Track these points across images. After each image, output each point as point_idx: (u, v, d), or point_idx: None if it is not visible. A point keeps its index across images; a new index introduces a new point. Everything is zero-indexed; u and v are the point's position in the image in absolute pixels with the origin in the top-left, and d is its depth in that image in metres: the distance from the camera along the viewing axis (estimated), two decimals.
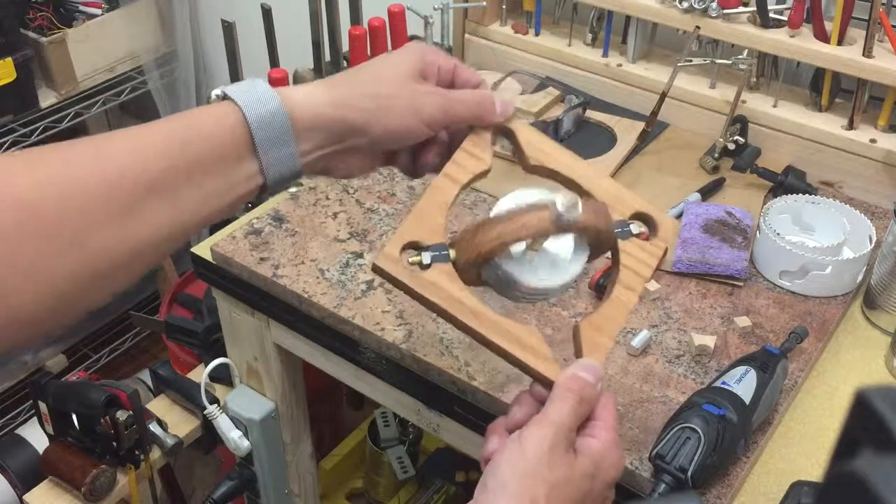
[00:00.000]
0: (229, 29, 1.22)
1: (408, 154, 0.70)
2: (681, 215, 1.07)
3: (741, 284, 0.99)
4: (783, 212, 1.05)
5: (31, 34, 1.73)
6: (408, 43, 0.69)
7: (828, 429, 0.86)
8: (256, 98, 0.60)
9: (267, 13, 1.27)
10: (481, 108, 0.68)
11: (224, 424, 1.20)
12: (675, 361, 0.90)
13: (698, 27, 1.16)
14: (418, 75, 0.66)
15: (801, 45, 1.11)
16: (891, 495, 0.27)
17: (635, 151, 1.21)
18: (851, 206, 1.04)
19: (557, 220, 0.62)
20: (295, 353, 1.10)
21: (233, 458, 1.27)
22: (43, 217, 0.52)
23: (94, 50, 1.83)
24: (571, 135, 1.23)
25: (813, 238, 1.04)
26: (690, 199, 1.09)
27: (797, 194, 1.06)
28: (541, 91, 1.29)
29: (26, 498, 1.23)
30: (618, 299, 0.67)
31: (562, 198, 0.62)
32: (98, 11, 1.83)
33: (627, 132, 1.22)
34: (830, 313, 0.96)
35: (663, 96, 1.19)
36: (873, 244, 0.99)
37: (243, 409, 1.18)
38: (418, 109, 0.65)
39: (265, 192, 0.63)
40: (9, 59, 1.65)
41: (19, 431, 1.73)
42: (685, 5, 1.16)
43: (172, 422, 1.27)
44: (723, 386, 0.79)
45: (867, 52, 1.07)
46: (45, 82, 1.80)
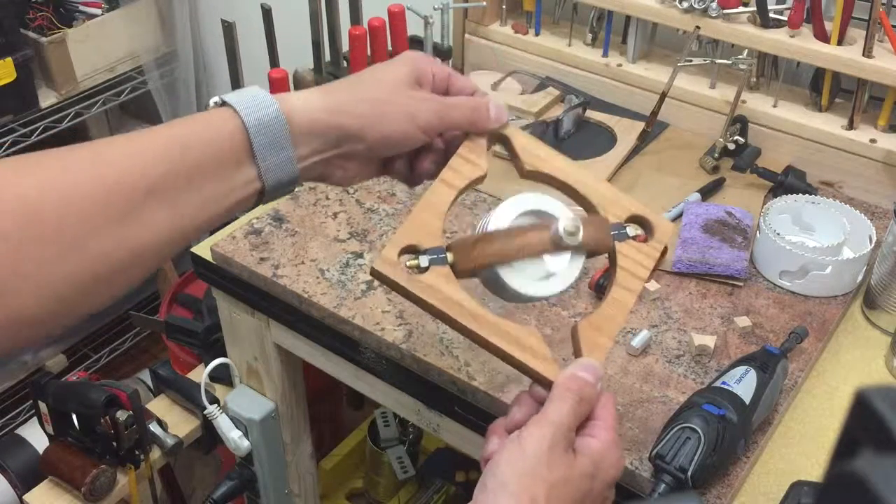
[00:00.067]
0: (229, 29, 1.22)
1: (404, 161, 0.71)
2: (681, 215, 1.07)
3: (741, 284, 0.99)
4: (783, 212, 1.05)
5: (31, 34, 1.73)
6: (403, 52, 0.70)
7: (828, 429, 0.86)
8: (254, 104, 0.61)
9: (267, 13, 1.27)
10: (476, 114, 0.68)
11: (224, 424, 1.20)
12: (675, 361, 0.90)
13: (698, 27, 1.16)
14: (414, 82, 0.67)
15: (801, 45, 1.11)
16: (891, 495, 0.27)
17: (635, 151, 1.21)
18: (851, 206, 1.04)
19: (558, 243, 0.63)
20: (295, 353, 1.10)
21: (233, 458, 1.27)
22: (44, 221, 0.53)
23: (94, 50, 1.83)
24: (571, 135, 1.23)
25: (813, 238, 1.04)
26: (690, 199, 1.09)
27: (797, 194, 1.06)
28: (541, 91, 1.29)
29: (26, 498, 1.23)
30: (616, 300, 0.67)
31: (564, 221, 0.62)
32: (98, 11, 1.83)
33: (627, 132, 1.22)
34: (830, 313, 0.96)
35: (663, 96, 1.19)
36: (873, 244, 0.99)
37: (243, 409, 1.18)
38: (414, 115, 0.66)
39: (263, 197, 0.64)
40: (9, 59, 1.65)
41: (19, 431, 1.73)
42: (685, 5, 1.16)
43: (172, 422, 1.27)
44: (723, 386, 0.79)
45: (867, 52, 1.07)
46: (45, 82, 1.80)
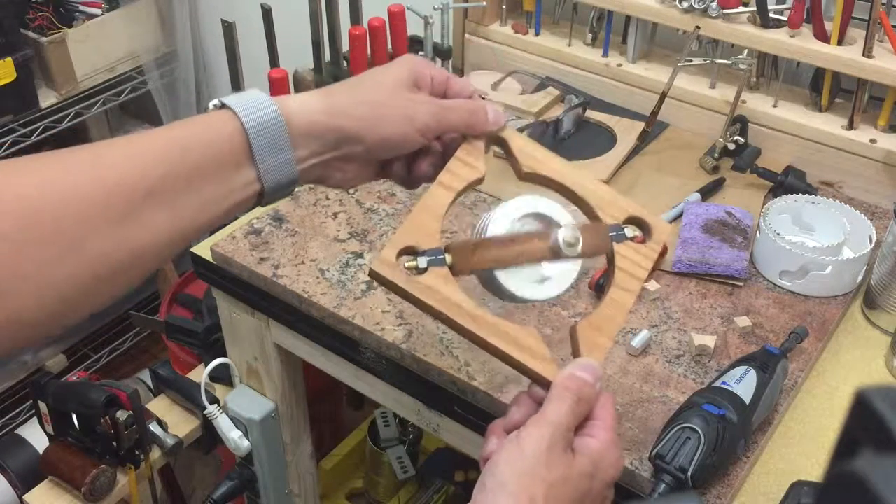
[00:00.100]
0: (229, 29, 1.22)
1: (402, 164, 0.71)
2: (681, 215, 1.07)
3: (741, 284, 0.99)
4: (783, 212, 1.05)
5: (31, 34, 1.73)
6: (401, 56, 0.70)
7: (828, 429, 0.86)
8: (254, 106, 0.61)
9: (267, 13, 1.27)
10: (474, 116, 0.68)
11: (224, 424, 1.20)
12: (675, 361, 0.90)
13: (698, 27, 1.16)
14: (412, 85, 0.68)
15: (801, 45, 1.11)
16: (891, 495, 0.26)
17: (635, 151, 1.21)
18: (851, 206, 1.04)
19: (557, 253, 0.63)
20: (295, 353, 1.10)
21: (233, 458, 1.27)
22: (43, 222, 0.53)
23: (94, 50, 1.83)
24: (571, 135, 1.23)
25: (813, 238, 1.04)
26: (690, 199, 1.09)
27: (797, 194, 1.06)
28: (541, 91, 1.29)
29: (26, 498, 1.23)
30: (615, 300, 0.67)
31: (564, 232, 0.63)
32: (98, 11, 1.83)
33: (627, 132, 1.22)
34: (830, 313, 0.96)
35: (663, 96, 1.19)
36: (873, 244, 0.99)
37: (243, 409, 1.18)
38: (412, 117, 0.66)
39: (262, 199, 0.64)
40: (9, 59, 1.65)
41: (19, 431, 1.73)
42: (685, 5, 1.16)
43: (172, 422, 1.27)
44: (723, 386, 0.79)
45: (867, 52, 1.07)
46: (45, 82, 1.80)
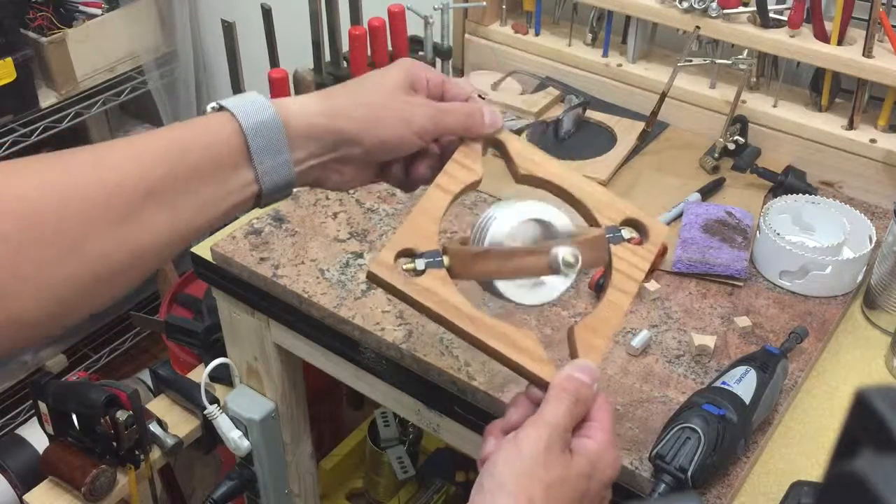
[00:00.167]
0: (229, 29, 1.22)
1: (400, 166, 0.71)
2: (681, 215, 1.07)
3: (741, 284, 0.99)
4: (783, 212, 1.05)
5: (31, 34, 1.73)
6: (398, 59, 0.71)
7: (828, 429, 0.86)
8: (252, 108, 0.62)
9: (267, 13, 1.27)
10: (471, 119, 0.69)
11: (224, 424, 1.20)
12: (675, 361, 0.89)
13: (698, 27, 1.16)
14: (409, 88, 0.68)
15: (801, 45, 1.11)
16: (891, 495, 0.26)
17: (635, 151, 1.21)
18: (851, 206, 1.04)
19: (556, 270, 0.64)
20: (295, 353, 1.10)
21: (233, 458, 1.27)
22: (44, 223, 0.53)
23: (94, 50, 1.83)
24: (571, 135, 1.23)
25: (813, 238, 1.04)
26: (690, 199, 1.09)
27: (797, 194, 1.06)
28: (541, 91, 1.29)
29: (26, 498, 1.23)
30: (612, 302, 0.68)
31: (564, 252, 0.63)
32: (98, 11, 1.83)
33: (627, 132, 1.22)
34: (830, 313, 0.96)
35: (663, 96, 1.19)
36: (873, 244, 0.99)
37: (243, 409, 1.18)
38: (409, 120, 0.66)
39: (260, 200, 0.64)
40: (9, 59, 1.65)
41: (19, 431, 1.73)
42: (685, 5, 1.16)
43: (172, 422, 1.27)
44: (723, 386, 0.79)
45: (867, 52, 1.07)
46: (45, 82, 1.80)
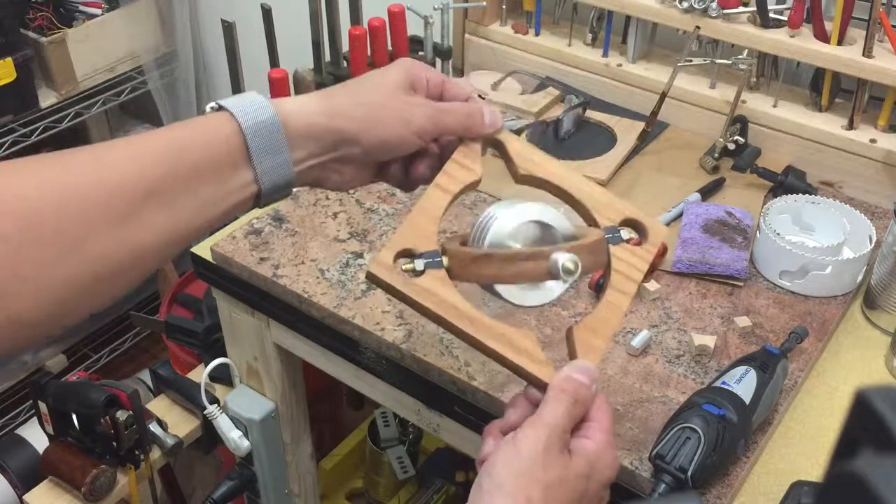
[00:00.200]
0: (229, 29, 1.22)
1: (399, 166, 0.71)
2: (681, 215, 1.07)
3: (741, 284, 0.99)
4: (783, 212, 1.05)
5: (31, 34, 1.73)
6: (398, 59, 0.71)
7: (828, 429, 0.86)
8: (251, 108, 0.62)
9: (267, 13, 1.27)
10: (470, 119, 0.69)
11: (224, 424, 1.20)
12: (675, 361, 0.89)
13: (698, 27, 1.16)
14: (409, 88, 0.68)
15: (801, 45, 1.11)
16: (891, 495, 0.26)
17: (635, 151, 1.21)
18: (851, 206, 1.04)
19: (555, 276, 0.64)
20: (295, 353, 1.10)
21: (233, 458, 1.27)
22: (44, 223, 0.53)
23: (94, 50, 1.83)
24: (571, 135, 1.23)
25: (813, 238, 1.04)
26: (690, 199, 1.09)
27: (797, 194, 1.06)
28: (541, 91, 1.29)
29: (26, 498, 1.23)
30: (611, 303, 0.68)
31: (564, 257, 0.63)
32: (98, 11, 1.83)
33: (627, 132, 1.22)
34: (830, 313, 0.96)
35: (663, 96, 1.19)
36: (873, 244, 0.99)
37: (243, 409, 1.18)
38: (409, 119, 0.66)
39: (259, 200, 0.64)
40: (9, 59, 1.65)
41: (19, 431, 1.73)
42: (685, 5, 1.16)
43: (172, 422, 1.27)
44: (723, 386, 0.79)
45: (867, 52, 1.07)
46: (45, 82, 1.80)
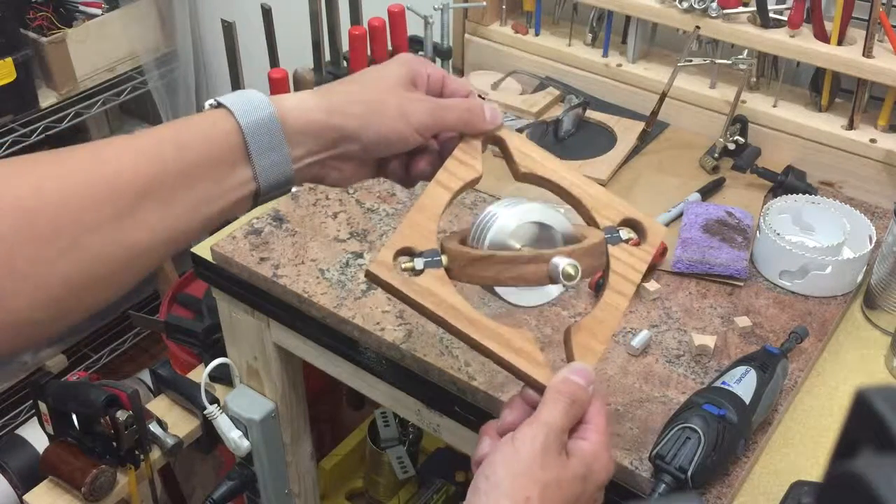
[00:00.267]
0: (229, 29, 1.22)
1: (400, 163, 0.71)
2: (681, 215, 1.07)
3: (741, 284, 0.99)
4: (783, 212, 1.05)
5: (31, 34, 1.73)
6: (398, 54, 0.70)
7: (828, 429, 0.86)
8: (250, 105, 0.61)
9: (267, 13, 1.27)
10: (471, 114, 0.68)
11: (224, 424, 1.20)
12: (675, 361, 0.89)
13: (698, 27, 1.16)
14: (409, 83, 0.67)
15: (801, 45, 1.11)
16: (891, 495, 0.26)
17: (635, 151, 1.21)
18: (851, 206, 1.04)
19: (555, 280, 0.64)
20: (295, 353, 1.10)
21: (233, 458, 1.27)
22: (40, 222, 0.53)
23: (94, 50, 1.83)
24: (571, 135, 1.23)
25: (813, 238, 1.04)
26: (690, 199, 1.09)
27: (797, 194, 1.06)
28: (541, 91, 1.29)
29: (26, 498, 1.23)
30: (609, 304, 0.67)
31: (564, 262, 0.63)
32: (98, 11, 1.83)
33: (627, 132, 1.22)
34: (830, 313, 0.96)
35: (663, 96, 1.19)
36: (873, 244, 0.99)
37: (243, 409, 1.18)
38: (408, 116, 0.66)
39: (258, 198, 0.64)
40: (9, 59, 1.65)
41: (19, 431, 1.73)
42: (685, 5, 1.16)
43: (172, 422, 1.27)
44: (723, 386, 0.79)
45: (867, 52, 1.07)
46: (45, 82, 1.80)
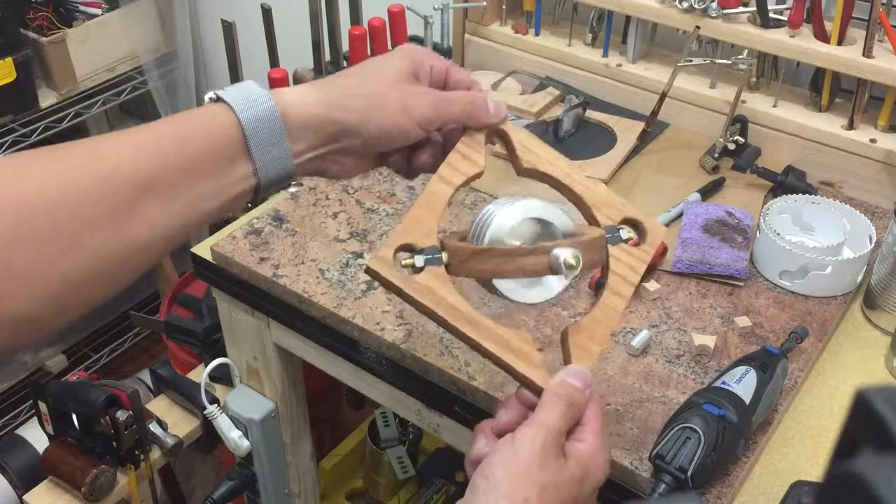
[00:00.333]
0: (229, 29, 1.23)
1: (402, 154, 0.70)
2: (681, 215, 1.07)
3: (741, 284, 0.99)
4: (783, 212, 1.05)
5: (31, 34, 1.73)
6: (400, 45, 0.69)
7: (828, 429, 0.86)
8: (249, 100, 0.61)
9: (267, 13, 1.27)
10: (474, 107, 0.67)
11: (224, 424, 1.20)
12: (675, 361, 0.89)
13: (698, 27, 1.16)
14: (411, 76, 0.67)
15: (801, 45, 1.11)
16: (891, 495, 0.26)
17: (635, 151, 1.21)
18: (851, 206, 1.04)
19: (556, 271, 0.64)
20: (295, 353, 1.10)
21: (233, 458, 1.27)
22: (39, 219, 0.52)
23: (94, 50, 1.83)
24: (571, 135, 1.23)
25: (813, 238, 1.04)
26: (690, 199, 1.09)
27: (797, 194, 1.06)
28: (541, 91, 1.29)
29: (26, 498, 1.23)
30: (607, 305, 0.67)
31: (566, 253, 0.63)
32: (98, 11, 1.83)
33: (627, 132, 1.22)
34: (830, 313, 0.96)
35: (663, 96, 1.19)
36: (873, 244, 0.99)
37: (243, 409, 1.18)
38: (410, 109, 0.65)
39: (259, 193, 0.63)
40: (9, 59, 1.65)
41: (19, 431, 1.73)
42: (685, 5, 1.16)
43: (172, 422, 1.27)
44: (723, 386, 0.79)
45: (867, 52, 1.07)
46: (45, 82, 1.80)
